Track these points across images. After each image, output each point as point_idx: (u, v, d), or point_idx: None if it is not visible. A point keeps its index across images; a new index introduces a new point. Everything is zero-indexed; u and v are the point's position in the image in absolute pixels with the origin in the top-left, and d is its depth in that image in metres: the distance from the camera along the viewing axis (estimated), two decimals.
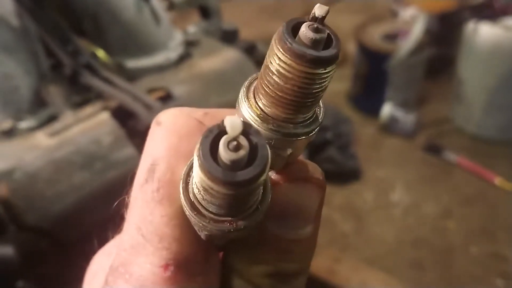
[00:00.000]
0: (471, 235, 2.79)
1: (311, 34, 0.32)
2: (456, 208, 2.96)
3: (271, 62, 0.34)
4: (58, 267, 1.22)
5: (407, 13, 3.45)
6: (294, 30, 0.33)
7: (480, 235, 2.79)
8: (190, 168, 0.36)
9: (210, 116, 0.41)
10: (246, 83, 0.37)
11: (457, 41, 3.35)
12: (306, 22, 0.33)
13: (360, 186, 3.12)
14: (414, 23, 3.25)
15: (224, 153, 0.30)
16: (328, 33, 0.33)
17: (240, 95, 0.37)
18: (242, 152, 0.30)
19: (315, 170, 0.42)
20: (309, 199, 0.41)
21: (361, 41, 3.43)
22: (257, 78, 0.37)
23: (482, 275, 2.55)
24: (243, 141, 0.30)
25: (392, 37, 3.37)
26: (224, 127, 0.31)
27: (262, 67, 0.35)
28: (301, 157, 0.42)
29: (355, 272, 2.30)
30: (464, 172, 3.15)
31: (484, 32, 3.07)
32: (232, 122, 0.30)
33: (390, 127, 3.42)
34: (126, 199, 0.41)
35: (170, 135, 0.39)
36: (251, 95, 0.37)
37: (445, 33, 3.47)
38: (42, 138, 1.19)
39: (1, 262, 1.07)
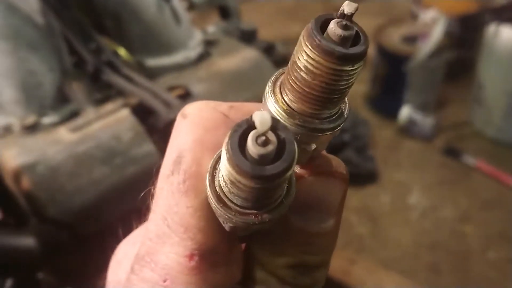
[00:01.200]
0: (489, 240, 2.76)
1: (339, 31, 0.32)
2: (474, 212, 2.93)
3: (298, 58, 0.34)
4: (77, 260, 1.24)
5: (427, 15, 3.42)
6: (322, 26, 0.33)
7: (498, 240, 2.75)
8: (217, 161, 0.36)
9: (235, 109, 0.42)
10: (272, 78, 0.38)
11: (477, 44, 3.31)
12: (334, 18, 0.33)
13: (377, 188, 3.11)
14: (434, 26, 3.23)
15: (252, 147, 0.30)
16: (356, 30, 0.33)
17: (266, 90, 0.37)
18: (270, 147, 0.31)
19: (338, 164, 0.42)
20: (332, 193, 0.41)
21: (380, 43, 3.41)
22: (283, 73, 0.37)
23: (499, 280, 2.51)
24: (271, 136, 0.31)
25: (411, 39, 3.34)
26: (253, 122, 0.31)
27: (290, 62, 0.35)
28: (325, 152, 0.42)
29: (370, 274, 2.29)
30: (483, 176, 3.11)
31: (505, 35, 3.03)
32: (261, 117, 0.31)
33: (408, 130, 3.39)
34: (152, 190, 0.42)
35: (196, 127, 0.40)
36: (277, 89, 0.37)
37: (465, 35, 3.43)
38: (64, 133, 1.22)
39: (23, 253, 1.10)
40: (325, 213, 0.41)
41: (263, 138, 0.31)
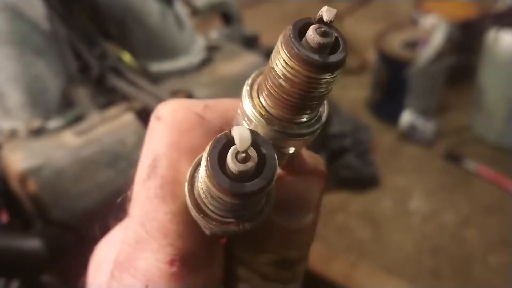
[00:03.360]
0: (490, 245, 2.76)
1: (318, 38, 0.31)
2: (476, 217, 2.93)
3: (276, 65, 0.33)
4: (82, 263, 1.25)
5: (428, 21, 3.44)
6: (300, 31, 0.32)
7: (499, 244, 2.76)
8: (195, 169, 0.36)
9: (210, 109, 0.41)
10: (249, 81, 0.37)
11: (478, 50, 3.33)
12: (313, 24, 0.32)
13: (378, 193, 3.11)
14: (434, 31, 3.24)
15: (232, 164, 0.30)
16: (335, 36, 0.32)
17: (243, 92, 0.36)
18: (250, 164, 0.30)
19: (316, 161, 0.42)
20: (312, 190, 0.42)
21: (381, 49, 3.43)
22: (260, 74, 0.36)
23: (500, 285, 2.52)
24: (252, 152, 0.31)
25: (412, 45, 3.36)
26: (232, 138, 0.30)
27: (267, 67, 0.34)
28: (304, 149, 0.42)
29: (372, 278, 2.29)
30: (484, 181, 3.12)
31: (505, 41, 3.05)
32: (241, 135, 0.30)
33: (409, 135, 3.40)
34: (129, 194, 0.42)
35: (171, 130, 0.39)
36: (254, 94, 0.36)
37: (466, 41, 3.44)
38: (69, 137, 1.24)
39: (29, 255, 1.11)
40: (304, 210, 0.41)
41: (243, 154, 0.30)
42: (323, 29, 0.31)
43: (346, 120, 3.09)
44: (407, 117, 3.37)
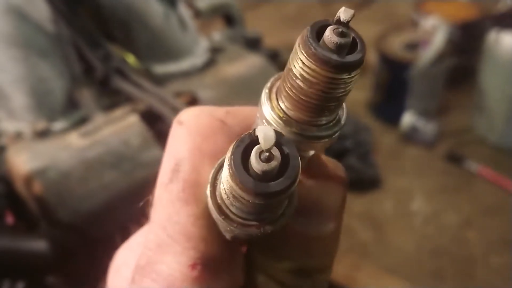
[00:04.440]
0: (492, 246, 2.76)
1: (335, 39, 0.31)
2: (477, 218, 2.93)
3: (294, 66, 0.32)
4: (87, 264, 1.26)
5: (428, 22, 3.45)
6: (318, 33, 0.32)
7: (501, 245, 2.76)
8: (217, 171, 0.36)
9: (232, 115, 0.41)
10: (268, 84, 0.36)
11: (478, 51, 3.33)
12: (330, 25, 0.32)
13: (379, 194, 3.11)
14: (435, 33, 3.25)
15: (256, 163, 0.30)
16: (352, 37, 0.32)
17: (262, 96, 0.36)
18: (274, 163, 0.30)
19: (337, 167, 0.42)
20: (331, 196, 0.41)
21: (382, 50, 3.44)
22: (279, 79, 0.36)
23: (503, 286, 2.52)
24: (275, 151, 0.30)
25: (413, 46, 3.36)
26: (256, 137, 0.30)
27: (285, 69, 0.34)
28: (324, 155, 0.41)
29: (374, 280, 2.30)
30: (485, 182, 3.12)
31: (506, 42, 3.05)
32: (265, 134, 0.30)
33: (410, 136, 3.40)
34: (151, 198, 0.41)
35: (193, 135, 0.39)
36: (273, 96, 0.36)
37: (466, 42, 3.45)
38: (74, 139, 1.24)
39: (34, 256, 1.12)
40: (324, 216, 0.40)
41: (267, 154, 0.30)
42: (340, 29, 0.32)
43: (347, 122, 3.10)
44: (408, 119, 3.37)
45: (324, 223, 0.41)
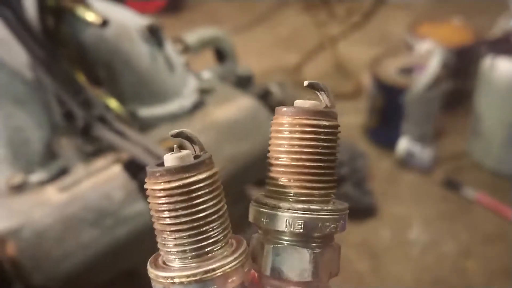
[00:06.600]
0: (492, 276, 2.69)
1: None
2: (476, 247, 2.87)
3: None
4: None
5: (423, 46, 3.42)
6: None
7: (501, 275, 2.70)
8: None
9: None
10: None
11: (474, 75, 3.30)
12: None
13: (376, 223, 3.05)
14: (430, 57, 3.21)
15: None
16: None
17: None
18: None
19: None
20: None
21: (376, 75, 3.40)
22: None
23: None
24: None
25: (408, 70, 3.33)
26: None
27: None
28: None
29: None
30: (483, 209, 3.06)
31: (501, 67, 3.02)
32: None
33: (406, 162, 3.35)
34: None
35: None
36: None
37: (461, 67, 3.42)
38: (52, 193, 1.17)
39: None
40: None
41: None
42: None
43: (342, 149, 3.04)
44: (404, 144, 3.32)
45: None
